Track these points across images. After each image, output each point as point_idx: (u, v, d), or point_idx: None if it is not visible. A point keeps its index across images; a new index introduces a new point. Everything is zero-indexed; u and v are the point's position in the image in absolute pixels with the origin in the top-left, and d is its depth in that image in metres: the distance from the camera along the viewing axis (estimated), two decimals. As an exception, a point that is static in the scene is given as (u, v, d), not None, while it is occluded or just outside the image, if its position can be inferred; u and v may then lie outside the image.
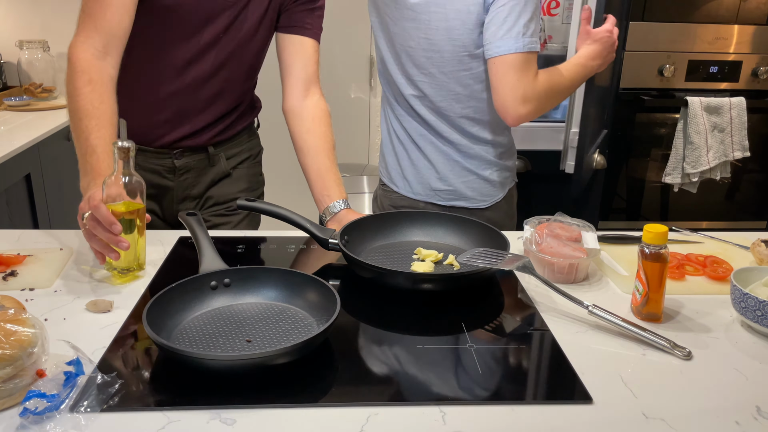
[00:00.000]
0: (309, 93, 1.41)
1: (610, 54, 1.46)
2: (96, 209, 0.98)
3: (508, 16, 1.28)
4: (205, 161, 1.45)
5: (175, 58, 1.31)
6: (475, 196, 1.49)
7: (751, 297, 0.92)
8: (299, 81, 1.41)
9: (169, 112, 1.37)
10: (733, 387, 0.83)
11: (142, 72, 1.33)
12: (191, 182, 1.46)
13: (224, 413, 0.74)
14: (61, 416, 0.72)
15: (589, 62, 1.43)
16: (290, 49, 1.41)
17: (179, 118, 1.38)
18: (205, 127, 1.41)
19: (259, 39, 1.39)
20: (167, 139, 1.39)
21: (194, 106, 1.38)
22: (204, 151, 1.45)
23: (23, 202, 2.24)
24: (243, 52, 1.37)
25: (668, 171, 2.45)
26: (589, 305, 0.95)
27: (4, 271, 1.07)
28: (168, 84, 1.34)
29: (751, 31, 2.40)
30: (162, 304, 0.89)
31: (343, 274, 1.14)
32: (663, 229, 0.95)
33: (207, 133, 1.42)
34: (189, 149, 1.42)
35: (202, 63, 1.33)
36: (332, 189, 1.33)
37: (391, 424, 0.74)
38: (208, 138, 1.43)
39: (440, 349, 0.89)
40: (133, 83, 1.32)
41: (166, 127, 1.38)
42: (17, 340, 0.73)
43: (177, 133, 1.39)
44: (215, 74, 1.36)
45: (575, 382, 0.82)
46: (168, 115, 1.37)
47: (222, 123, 1.45)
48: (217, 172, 1.48)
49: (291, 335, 0.89)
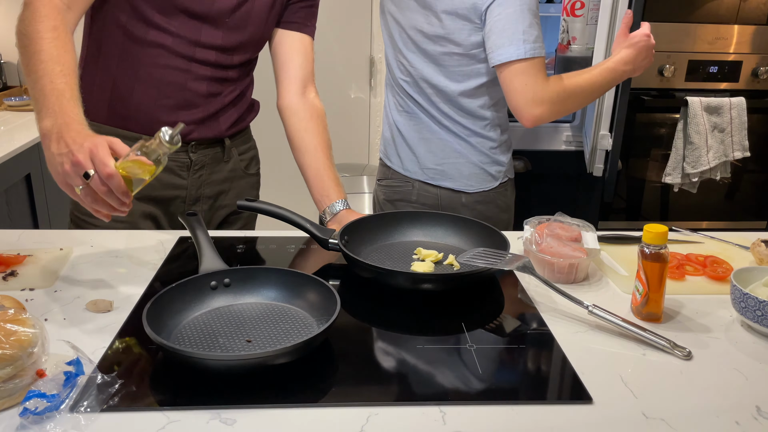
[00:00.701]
0: (306, 91, 1.41)
1: (647, 59, 1.47)
2: (109, 179, 0.89)
3: (506, 26, 1.35)
4: (219, 155, 1.43)
5: (183, 37, 1.29)
6: (461, 179, 1.54)
7: (751, 297, 0.92)
8: (297, 78, 1.41)
9: (179, 95, 1.33)
10: (733, 387, 0.83)
11: (147, 51, 1.29)
12: (205, 179, 1.43)
13: (224, 413, 0.74)
14: (61, 416, 0.72)
15: (620, 66, 1.45)
16: (289, 45, 1.40)
17: (188, 102, 1.34)
18: (218, 111, 1.38)
19: (269, 25, 1.38)
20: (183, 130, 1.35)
21: (203, 89, 1.35)
22: (220, 144, 1.43)
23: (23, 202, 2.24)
24: (249, 34, 1.36)
25: (668, 171, 2.45)
26: (589, 305, 0.95)
27: (4, 271, 1.07)
28: (175, 64, 1.31)
29: (751, 31, 2.40)
30: (162, 304, 0.89)
31: (343, 274, 1.14)
32: (663, 229, 0.95)
33: (222, 122, 1.40)
34: (205, 142, 1.40)
35: (210, 43, 1.31)
36: (331, 189, 1.33)
37: (391, 424, 0.74)
38: (224, 128, 1.41)
39: (440, 349, 0.89)
40: (137, 63, 1.29)
41: (177, 112, 1.33)
42: (17, 340, 0.73)
43: (189, 115, 1.34)
44: (223, 54, 1.34)
45: (575, 382, 0.82)
46: (178, 99, 1.33)
47: (235, 110, 1.42)
48: (231, 170, 1.46)
49: (291, 335, 0.89)
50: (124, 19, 1.26)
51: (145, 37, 1.27)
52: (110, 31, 1.28)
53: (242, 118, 1.46)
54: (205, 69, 1.33)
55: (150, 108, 1.31)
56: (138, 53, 1.29)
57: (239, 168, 1.48)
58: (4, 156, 2.04)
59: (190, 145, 1.38)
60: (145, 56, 1.29)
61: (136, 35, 1.27)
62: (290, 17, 1.40)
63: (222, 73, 1.36)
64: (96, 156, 0.90)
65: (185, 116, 1.33)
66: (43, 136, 0.98)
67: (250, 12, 1.33)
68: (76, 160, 0.91)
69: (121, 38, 1.28)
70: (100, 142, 0.91)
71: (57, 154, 0.94)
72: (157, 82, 1.30)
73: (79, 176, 0.91)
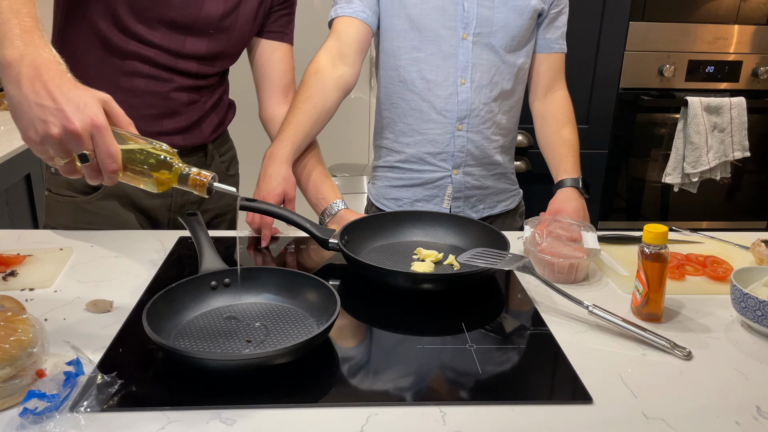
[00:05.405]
0: (288, 99, 1.41)
1: None
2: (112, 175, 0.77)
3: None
4: (202, 159, 1.43)
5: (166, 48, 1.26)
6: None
7: (751, 297, 0.92)
8: (279, 87, 1.41)
9: (162, 104, 1.31)
10: (733, 387, 0.83)
11: (128, 62, 1.25)
12: None
13: (224, 413, 0.74)
14: (61, 416, 0.72)
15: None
16: (270, 55, 1.41)
17: (171, 111, 1.33)
18: (200, 118, 1.38)
19: (251, 33, 1.37)
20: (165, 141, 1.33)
21: (185, 98, 1.33)
22: (202, 149, 1.43)
23: (23, 202, 2.24)
24: (233, 44, 1.35)
25: (668, 171, 2.45)
26: (589, 305, 0.95)
27: (4, 271, 1.07)
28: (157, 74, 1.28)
29: (751, 31, 2.40)
30: (162, 304, 0.89)
31: (343, 274, 1.14)
32: (663, 229, 0.95)
33: (205, 128, 1.40)
34: (188, 148, 1.39)
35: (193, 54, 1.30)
36: (327, 191, 1.33)
37: (391, 424, 0.74)
38: (207, 134, 1.41)
39: (440, 349, 0.89)
40: (117, 72, 1.26)
41: (160, 121, 1.32)
42: (17, 340, 0.73)
43: (172, 124, 1.33)
44: (205, 65, 1.33)
45: (575, 382, 0.82)
46: (161, 108, 1.31)
47: (215, 115, 1.42)
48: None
49: (291, 335, 0.89)
50: (104, 27, 1.22)
51: (126, 47, 1.24)
52: (87, 38, 1.24)
53: (222, 121, 1.46)
54: (186, 79, 1.32)
55: (132, 117, 1.26)
56: (118, 63, 1.25)
57: (220, 170, 1.49)
58: (4, 156, 2.04)
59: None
60: (126, 66, 1.26)
61: (117, 45, 1.23)
62: (270, 26, 1.40)
63: (202, 81, 1.35)
64: (100, 136, 0.74)
65: (168, 125, 1.33)
66: (4, 66, 0.76)
67: (235, 22, 1.32)
68: (72, 129, 0.73)
69: (100, 47, 1.24)
70: (98, 111, 0.75)
71: (35, 102, 0.74)
72: (139, 91, 1.28)
73: (70, 151, 0.75)
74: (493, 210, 1.53)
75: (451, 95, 1.40)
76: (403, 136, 1.46)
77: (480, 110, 1.42)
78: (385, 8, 1.39)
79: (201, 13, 1.26)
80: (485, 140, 1.45)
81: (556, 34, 1.47)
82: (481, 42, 1.38)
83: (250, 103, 1.51)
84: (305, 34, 1.89)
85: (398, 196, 1.51)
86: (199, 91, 1.36)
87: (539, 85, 1.51)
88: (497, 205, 1.54)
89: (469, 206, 1.50)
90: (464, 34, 1.36)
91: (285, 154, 1.27)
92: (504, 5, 1.37)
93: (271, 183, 1.25)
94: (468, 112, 1.41)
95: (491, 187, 1.51)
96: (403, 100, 1.44)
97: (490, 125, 1.44)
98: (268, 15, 1.39)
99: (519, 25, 1.39)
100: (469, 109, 1.40)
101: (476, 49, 1.38)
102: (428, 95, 1.41)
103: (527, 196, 1.64)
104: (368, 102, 3.23)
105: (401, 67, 1.41)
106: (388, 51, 1.43)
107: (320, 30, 1.46)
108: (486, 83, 1.40)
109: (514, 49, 1.41)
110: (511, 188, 1.57)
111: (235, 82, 1.53)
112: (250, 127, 1.75)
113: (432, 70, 1.39)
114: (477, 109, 1.41)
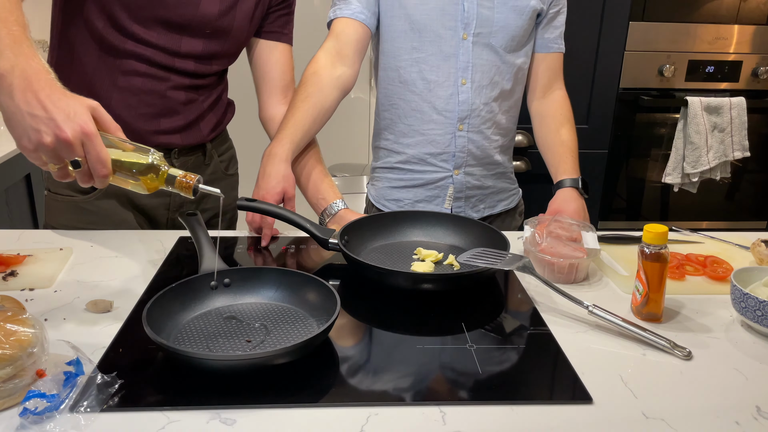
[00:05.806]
0: (287, 99, 1.41)
1: None
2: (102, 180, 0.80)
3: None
4: (201, 159, 1.43)
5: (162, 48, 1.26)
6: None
7: (751, 297, 0.92)
8: (278, 88, 1.41)
9: (159, 103, 1.31)
10: (733, 387, 0.83)
11: (125, 60, 1.25)
12: None
13: (224, 413, 0.74)
14: (61, 416, 0.72)
15: None
16: (269, 55, 1.41)
17: (168, 110, 1.32)
18: (198, 118, 1.38)
19: (249, 34, 1.37)
20: (163, 140, 1.34)
21: (182, 97, 1.33)
22: (201, 149, 1.43)
23: (23, 202, 2.24)
24: (230, 44, 1.35)
25: (668, 171, 2.45)
26: (589, 305, 0.95)
27: (4, 271, 1.07)
28: (154, 73, 1.28)
29: (751, 31, 2.40)
30: (162, 304, 0.89)
31: (343, 274, 1.14)
32: (663, 229, 0.95)
33: (203, 127, 1.40)
34: (187, 148, 1.39)
35: (189, 53, 1.30)
36: (327, 191, 1.33)
37: (391, 424, 0.74)
38: (206, 133, 1.41)
39: (440, 349, 0.89)
40: (114, 70, 1.26)
41: (157, 120, 1.32)
42: (17, 340, 0.73)
43: (170, 123, 1.33)
44: (202, 64, 1.33)
45: (575, 382, 0.82)
46: (158, 107, 1.31)
47: (214, 115, 1.42)
48: (212, 172, 1.46)
49: (291, 335, 0.89)
50: (100, 26, 1.22)
51: (123, 47, 1.24)
52: (84, 37, 1.25)
53: (221, 121, 1.46)
54: (183, 78, 1.32)
55: (130, 116, 1.29)
56: (115, 62, 1.26)
57: (219, 170, 1.49)
58: (4, 156, 2.04)
59: (173, 152, 1.37)
60: (123, 65, 1.26)
61: (113, 44, 1.24)
62: (269, 27, 1.40)
63: (200, 81, 1.35)
64: (90, 143, 0.78)
65: (166, 124, 1.33)
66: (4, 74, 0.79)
67: (232, 22, 1.32)
68: (64, 138, 0.77)
69: (97, 46, 1.24)
70: (88, 118, 0.78)
71: (27, 112, 0.78)
72: (137, 90, 1.28)
73: (63, 157, 0.79)
74: (494, 209, 1.53)
75: (451, 95, 1.40)
76: (403, 137, 1.46)
77: (480, 110, 1.42)
78: (385, 9, 1.39)
79: (197, 13, 1.26)
80: (486, 140, 1.45)
81: (554, 33, 1.47)
82: (481, 42, 1.38)
83: (250, 102, 1.51)
84: (305, 34, 1.89)
85: (399, 197, 1.51)
86: (197, 90, 1.36)
87: (537, 85, 1.51)
88: (497, 204, 1.54)
89: (470, 206, 1.50)
90: (464, 34, 1.36)
91: (284, 152, 1.27)
92: (504, 5, 1.37)
93: (270, 182, 1.25)
94: (469, 113, 1.41)
95: (492, 186, 1.51)
96: (403, 101, 1.44)
97: (491, 125, 1.44)
98: (266, 15, 1.39)
99: (519, 25, 1.39)
100: (469, 109, 1.40)
101: (476, 50, 1.38)
102: (429, 96, 1.41)
103: (527, 196, 1.64)
104: (368, 102, 3.23)
105: (401, 68, 1.41)
106: (388, 52, 1.43)
107: (320, 30, 1.46)
108: (486, 83, 1.40)
109: (514, 49, 1.41)
110: (510, 187, 1.57)
111: (234, 82, 1.53)
112: (250, 127, 1.75)
113: (432, 70, 1.39)
114: (478, 110, 1.41)
